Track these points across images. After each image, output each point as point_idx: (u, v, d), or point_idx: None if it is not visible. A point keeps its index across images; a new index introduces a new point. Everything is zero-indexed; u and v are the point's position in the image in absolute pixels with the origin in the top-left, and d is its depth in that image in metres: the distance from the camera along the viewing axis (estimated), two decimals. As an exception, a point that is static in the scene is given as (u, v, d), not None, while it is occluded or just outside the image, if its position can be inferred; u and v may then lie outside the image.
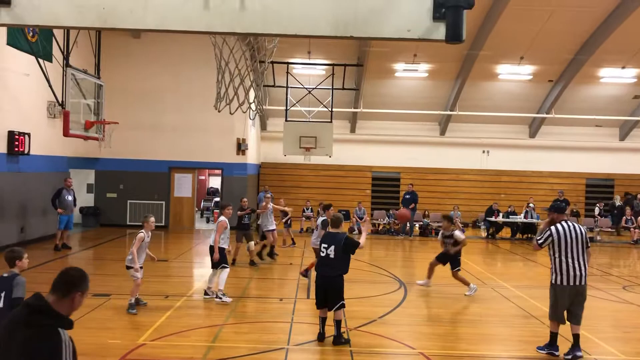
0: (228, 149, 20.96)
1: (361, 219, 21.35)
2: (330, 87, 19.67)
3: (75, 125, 14.84)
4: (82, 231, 19.13)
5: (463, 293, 10.84)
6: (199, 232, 20.46)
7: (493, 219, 21.32)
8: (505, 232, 21.75)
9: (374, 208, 24.44)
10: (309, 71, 22.04)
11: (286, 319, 8.76)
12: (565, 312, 7.30)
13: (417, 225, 22.15)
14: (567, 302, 7.22)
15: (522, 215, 21.45)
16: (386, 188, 25.75)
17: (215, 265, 9.81)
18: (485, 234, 21.88)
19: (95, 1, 2.86)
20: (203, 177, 29.55)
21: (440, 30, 2.90)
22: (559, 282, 7.18)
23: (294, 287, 11.13)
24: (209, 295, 9.84)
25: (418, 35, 2.92)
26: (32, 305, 2.90)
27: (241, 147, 21.06)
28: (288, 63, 19.75)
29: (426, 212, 22.92)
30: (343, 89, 20.35)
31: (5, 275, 5.45)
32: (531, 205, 21.72)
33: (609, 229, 22.44)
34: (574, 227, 7.24)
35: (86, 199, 20.46)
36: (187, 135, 20.52)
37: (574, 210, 21.70)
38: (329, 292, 7.56)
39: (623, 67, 22.12)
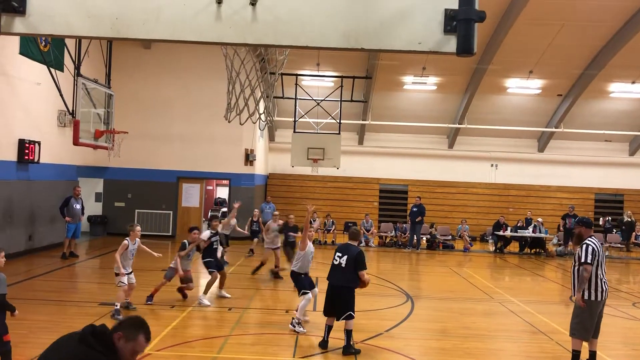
0: (236, 160, 21.01)
1: (368, 231, 21.30)
2: (339, 99, 19.73)
3: (85, 134, 14.94)
4: (90, 240, 19.18)
5: (470, 307, 10.75)
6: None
7: (501, 233, 21.20)
8: (514, 247, 21.61)
9: (382, 220, 24.37)
10: (318, 83, 22.12)
11: (292, 331, 8.71)
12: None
13: (424, 238, 22.08)
14: (598, 317, 7.20)
15: (531, 229, 21.29)
16: (394, 200, 25.70)
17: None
18: (493, 248, 21.75)
19: (108, 11, 2.88)
20: (211, 187, 29.63)
21: (451, 43, 2.90)
22: (593, 297, 7.09)
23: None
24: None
25: (429, 48, 2.92)
26: (97, 329, 3.02)
27: (249, 158, 21.12)
28: (297, 75, 19.84)
29: (434, 226, 22.82)
30: (351, 101, 20.41)
31: None
32: (540, 220, 21.59)
33: (618, 245, 22.25)
34: (600, 243, 7.35)
35: (94, 208, 20.54)
36: (195, 145, 20.62)
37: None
38: (336, 302, 7.71)
39: (633, 82, 22.05)
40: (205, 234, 10.90)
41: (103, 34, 2.93)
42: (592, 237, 7.31)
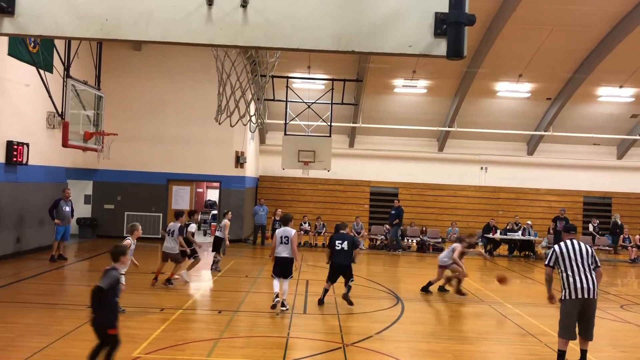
0: (226, 162, 20.97)
1: (359, 233, 21.32)
2: (330, 102, 19.76)
3: (75, 136, 14.86)
4: (79, 242, 19.04)
5: (460, 310, 10.78)
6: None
7: (491, 235, 21.30)
8: (503, 249, 21.71)
9: (372, 223, 24.40)
10: (309, 86, 22.14)
11: (282, 333, 8.70)
12: (577, 328, 7.33)
13: (414, 240, 22.16)
14: (576, 316, 7.24)
15: (520, 232, 21.40)
16: (384, 203, 25.73)
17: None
18: (483, 250, 21.82)
19: (98, 12, 2.87)
20: (201, 190, 29.52)
21: (441, 47, 2.92)
22: (567, 296, 7.25)
23: (290, 301, 11.06)
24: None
25: (419, 51, 2.94)
26: None
27: (240, 160, 21.08)
28: (288, 77, 19.85)
29: (424, 228, 22.89)
30: (342, 103, 20.44)
31: None
32: (529, 222, 21.71)
33: (607, 247, 22.41)
34: (579, 244, 7.40)
35: (83, 210, 20.40)
36: (185, 147, 20.55)
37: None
38: (342, 274, 10.79)
39: (621, 86, 22.26)
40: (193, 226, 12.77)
41: (93, 35, 2.92)
42: (567, 240, 7.47)
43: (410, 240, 22.34)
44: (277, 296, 9.95)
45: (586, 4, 17.43)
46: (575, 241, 7.44)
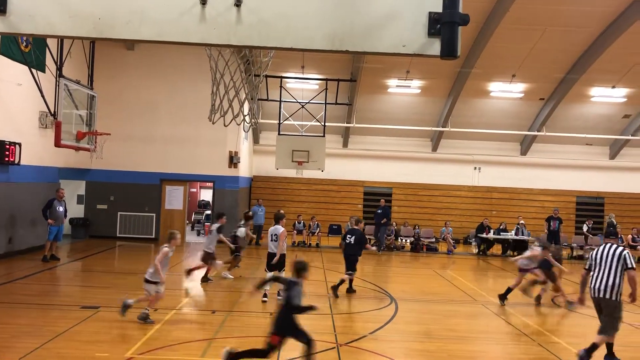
0: (220, 162, 20.93)
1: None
2: (324, 102, 19.75)
3: (67, 136, 14.78)
4: (72, 242, 18.96)
5: (454, 309, 10.78)
6: (190, 245, 20.33)
7: (484, 235, 21.36)
8: (496, 249, 21.78)
9: (366, 223, 24.33)
10: (303, 85, 22.12)
11: (276, 333, 8.68)
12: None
13: (407, 240, 22.20)
14: (598, 312, 7.86)
15: (513, 232, 21.50)
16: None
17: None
18: (477, 250, 21.90)
19: (91, 11, 2.86)
20: (194, 190, 29.46)
21: (435, 46, 2.92)
22: (590, 295, 7.87)
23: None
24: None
25: (413, 51, 2.93)
26: None
27: (233, 160, 21.04)
28: (282, 77, 19.84)
29: (417, 227, 22.92)
30: (336, 103, 20.44)
31: None
32: (522, 222, 21.80)
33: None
34: (610, 248, 7.84)
35: (76, 210, 20.31)
36: (179, 147, 20.49)
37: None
38: (349, 264, 12.05)
39: (613, 87, 22.37)
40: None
41: (85, 34, 2.91)
42: (604, 244, 7.99)
43: (404, 240, 22.37)
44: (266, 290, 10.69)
45: (579, 4, 17.50)
46: (608, 245, 7.90)
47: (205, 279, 12.76)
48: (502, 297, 11.87)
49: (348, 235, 12.34)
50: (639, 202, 25.80)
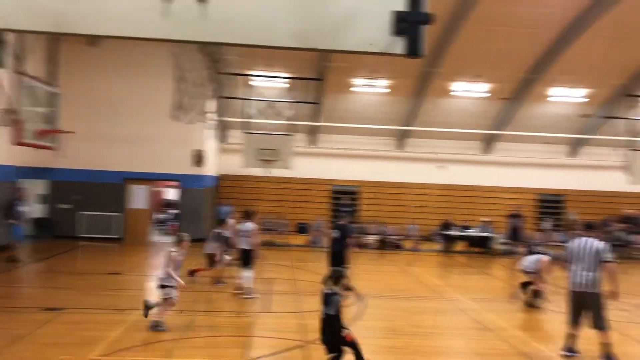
0: (186, 161, 20.67)
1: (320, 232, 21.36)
2: (291, 100, 19.71)
3: (28, 134, 14.38)
4: (34, 243, 18.47)
5: (420, 306, 10.92)
6: (154, 245, 20.06)
7: (448, 232, 21.68)
8: (461, 246, 22.13)
9: (334, 221, 24.45)
10: (269, 83, 22.04)
11: (243, 332, 8.66)
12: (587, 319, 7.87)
13: (374, 238, 22.34)
14: (576, 306, 7.85)
15: (477, 229, 21.88)
16: (346, 202, 25.89)
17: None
18: (441, 247, 22.20)
19: (49, 5, 2.78)
20: (159, 189, 29.03)
21: (400, 45, 2.94)
22: (568, 288, 7.94)
23: (252, 301, 11.02)
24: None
25: (379, 49, 2.95)
26: None
27: (199, 159, 20.82)
28: (248, 75, 19.71)
29: (384, 225, 23.11)
30: (303, 102, 20.43)
31: None
32: (486, 219, 22.19)
33: (561, 244, 23.06)
34: (587, 242, 7.84)
35: (37, 210, 19.79)
36: (144, 146, 20.16)
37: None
38: (335, 258, 11.80)
39: (572, 87, 22.98)
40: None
41: (45, 28, 2.83)
42: (581, 237, 7.97)
43: (366, 238, 22.51)
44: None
45: (541, 7, 17.92)
46: (588, 239, 7.87)
47: (218, 282, 12.60)
48: (530, 303, 11.43)
49: (335, 232, 12.53)
50: (598, 200, 26.54)
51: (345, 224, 12.86)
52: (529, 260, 11.62)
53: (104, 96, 19.99)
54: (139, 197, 20.86)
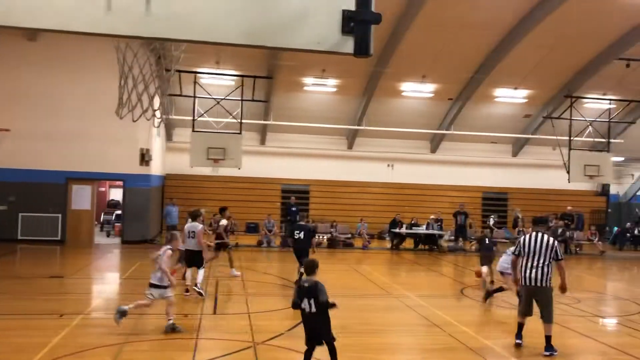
0: (131, 160, 20.13)
1: (270, 231, 21.27)
2: (240, 99, 19.47)
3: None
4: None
5: (369, 303, 11.02)
6: (99, 247, 19.47)
7: (397, 230, 22.00)
8: (409, 243, 22.49)
9: (283, 220, 24.42)
10: (218, 81, 21.73)
11: (191, 335, 8.50)
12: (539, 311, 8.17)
13: (324, 237, 22.42)
14: (528, 299, 8.16)
15: (424, 226, 22.30)
16: (296, 200, 25.85)
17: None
18: (390, 245, 22.51)
19: (-17, -4, 2.63)
20: (103, 189, 28.24)
21: (349, 44, 2.94)
22: (522, 282, 8.16)
23: (199, 302, 10.84)
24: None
25: (327, 48, 2.94)
26: None
27: (145, 158, 20.31)
28: (196, 72, 19.34)
29: (334, 224, 23.23)
30: (253, 100, 20.20)
31: None
32: (432, 217, 22.64)
33: (505, 240, 23.76)
34: (542, 237, 8.05)
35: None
36: (86, 144, 19.51)
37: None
38: (302, 257, 11.62)
39: (515, 88, 23.73)
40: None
41: (-23, 20, 2.67)
42: (533, 232, 8.19)
43: (320, 237, 22.57)
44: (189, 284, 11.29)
45: (485, 9, 18.40)
46: (539, 234, 8.08)
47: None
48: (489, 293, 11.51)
49: (296, 232, 12.75)
50: (540, 197, 27.54)
51: (308, 224, 13.25)
52: (505, 261, 10.84)
53: (43, 92, 19.24)
54: (82, 198, 20.20)
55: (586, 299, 12.46)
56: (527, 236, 8.19)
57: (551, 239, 8.07)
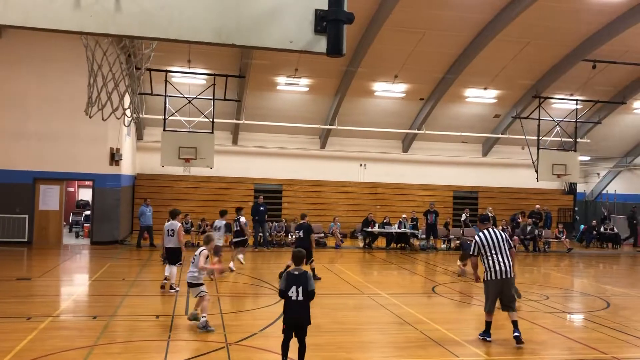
0: (100, 159, 19.81)
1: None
2: (212, 98, 19.30)
3: None
4: None
5: (341, 302, 11.05)
6: (67, 248, 19.10)
7: (369, 229, 22.12)
8: (381, 242, 22.63)
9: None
10: (189, 80, 21.51)
11: (163, 337, 8.41)
12: (500, 305, 8.50)
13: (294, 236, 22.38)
14: (497, 294, 8.42)
15: (396, 225, 22.47)
16: (268, 200, 25.75)
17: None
18: (362, 244, 22.62)
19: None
20: (72, 189, 27.72)
21: (321, 43, 2.94)
22: (489, 277, 8.40)
23: (171, 303, 10.73)
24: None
25: (300, 47, 2.94)
26: None
27: (115, 157, 20.00)
28: (167, 71, 19.10)
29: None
30: (224, 99, 20.03)
31: None
32: (404, 216, 22.82)
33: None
34: (495, 232, 8.57)
35: None
36: (54, 143, 19.13)
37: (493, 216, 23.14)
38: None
39: (485, 88, 24.07)
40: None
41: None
42: (485, 230, 8.59)
43: (294, 236, 22.53)
44: (165, 279, 11.73)
45: (456, 10, 18.61)
46: (491, 230, 8.55)
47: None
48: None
49: (296, 231, 13.75)
50: (509, 196, 28.02)
51: (306, 223, 13.73)
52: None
53: (10, 90, 18.82)
54: (50, 198, 19.79)
55: (554, 296, 12.73)
56: (482, 235, 8.53)
57: (504, 233, 8.62)
